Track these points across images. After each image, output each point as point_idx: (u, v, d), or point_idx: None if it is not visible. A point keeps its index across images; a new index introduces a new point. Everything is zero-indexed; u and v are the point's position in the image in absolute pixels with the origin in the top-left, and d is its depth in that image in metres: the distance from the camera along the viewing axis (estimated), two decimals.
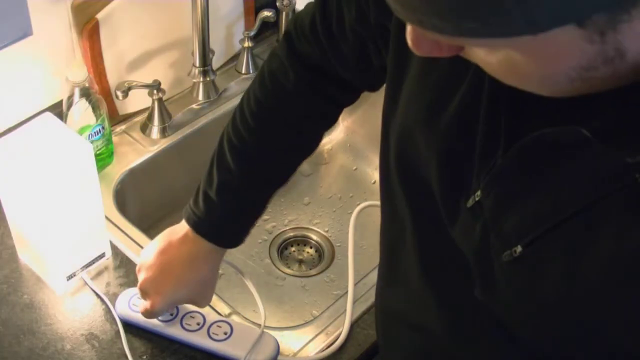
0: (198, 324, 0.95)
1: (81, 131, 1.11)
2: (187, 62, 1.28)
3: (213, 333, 0.95)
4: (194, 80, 1.29)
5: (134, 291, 0.98)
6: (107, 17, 1.15)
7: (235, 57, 1.38)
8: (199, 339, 0.95)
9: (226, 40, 1.36)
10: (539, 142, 0.55)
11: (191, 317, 0.96)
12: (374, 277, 1.08)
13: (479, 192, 0.60)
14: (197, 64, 1.26)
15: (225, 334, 0.95)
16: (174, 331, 0.95)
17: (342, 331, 1.00)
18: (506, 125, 0.57)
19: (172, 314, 0.96)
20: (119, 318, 0.98)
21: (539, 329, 0.60)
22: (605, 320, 0.54)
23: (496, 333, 0.66)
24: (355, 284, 1.07)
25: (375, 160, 1.46)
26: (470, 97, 0.60)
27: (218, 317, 0.97)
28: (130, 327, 0.98)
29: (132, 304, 0.97)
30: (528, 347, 0.64)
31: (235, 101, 1.33)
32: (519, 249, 0.57)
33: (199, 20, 1.20)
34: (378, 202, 0.79)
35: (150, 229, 1.24)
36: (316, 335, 1.00)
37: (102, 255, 1.06)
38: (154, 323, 0.96)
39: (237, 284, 1.27)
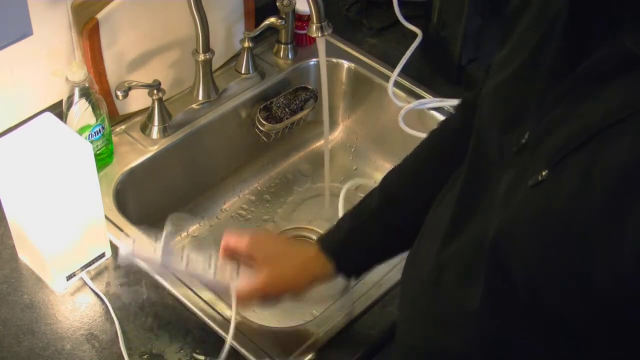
0: (204, 267, 0.92)
1: (81, 131, 1.11)
2: (187, 62, 1.28)
3: (220, 275, 0.92)
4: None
5: (132, 239, 0.95)
6: (107, 17, 1.15)
7: (235, 57, 1.38)
8: (207, 282, 0.92)
9: (226, 40, 1.36)
10: (594, 67, 0.58)
11: (196, 258, 0.92)
12: (374, 277, 1.08)
13: (527, 134, 0.63)
14: (201, 50, 1.25)
15: (232, 273, 0.92)
16: (182, 274, 0.92)
17: (341, 331, 1.00)
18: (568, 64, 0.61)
19: (182, 254, 0.92)
20: (121, 264, 0.94)
21: (545, 267, 0.60)
22: (603, 253, 0.54)
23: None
24: (355, 284, 1.07)
25: (375, 160, 1.46)
26: (541, 44, 0.65)
27: (222, 258, 0.93)
28: (130, 328, 0.98)
29: (136, 251, 0.92)
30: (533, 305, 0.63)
31: (235, 101, 1.33)
32: (545, 172, 0.59)
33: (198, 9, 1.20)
34: (364, 181, 0.80)
35: (150, 229, 1.24)
36: (316, 335, 1.00)
37: (102, 255, 1.06)
38: (162, 266, 0.92)
39: None
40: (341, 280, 0.94)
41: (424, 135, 1.32)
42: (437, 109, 1.34)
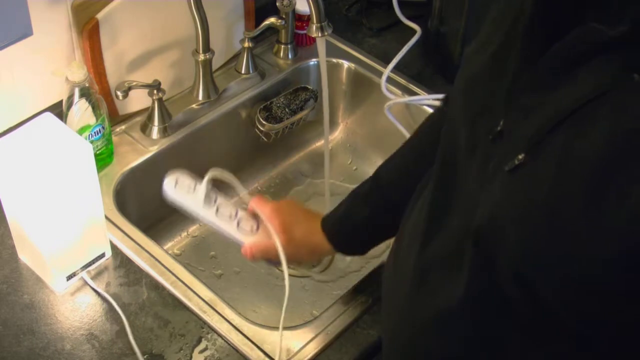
0: (230, 215, 1.03)
1: (81, 131, 1.11)
2: (187, 62, 1.28)
3: (242, 227, 1.02)
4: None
5: (177, 175, 1.04)
6: (107, 17, 1.15)
7: (235, 57, 1.38)
8: (230, 229, 1.02)
9: (226, 40, 1.36)
10: (564, 51, 0.58)
11: (225, 207, 1.03)
12: (373, 276, 1.08)
13: (502, 122, 0.63)
14: (201, 50, 1.25)
15: (252, 228, 1.02)
16: (210, 217, 1.02)
17: (342, 331, 1.00)
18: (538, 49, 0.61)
19: (215, 200, 1.03)
20: (169, 199, 1.04)
21: (528, 254, 0.59)
22: (582, 236, 0.54)
23: None
24: (355, 284, 1.07)
25: (376, 160, 1.46)
26: (509, 34, 0.65)
27: (246, 214, 1.04)
28: (133, 326, 0.98)
29: (178, 187, 1.03)
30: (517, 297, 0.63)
31: (235, 101, 1.33)
32: (521, 156, 0.59)
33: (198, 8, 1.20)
34: None
35: (150, 229, 1.24)
36: (316, 335, 1.00)
37: (102, 255, 1.06)
38: (195, 206, 1.03)
39: (237, 284, 1.27)
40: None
41: None
42: (431, 106, 1.34)
